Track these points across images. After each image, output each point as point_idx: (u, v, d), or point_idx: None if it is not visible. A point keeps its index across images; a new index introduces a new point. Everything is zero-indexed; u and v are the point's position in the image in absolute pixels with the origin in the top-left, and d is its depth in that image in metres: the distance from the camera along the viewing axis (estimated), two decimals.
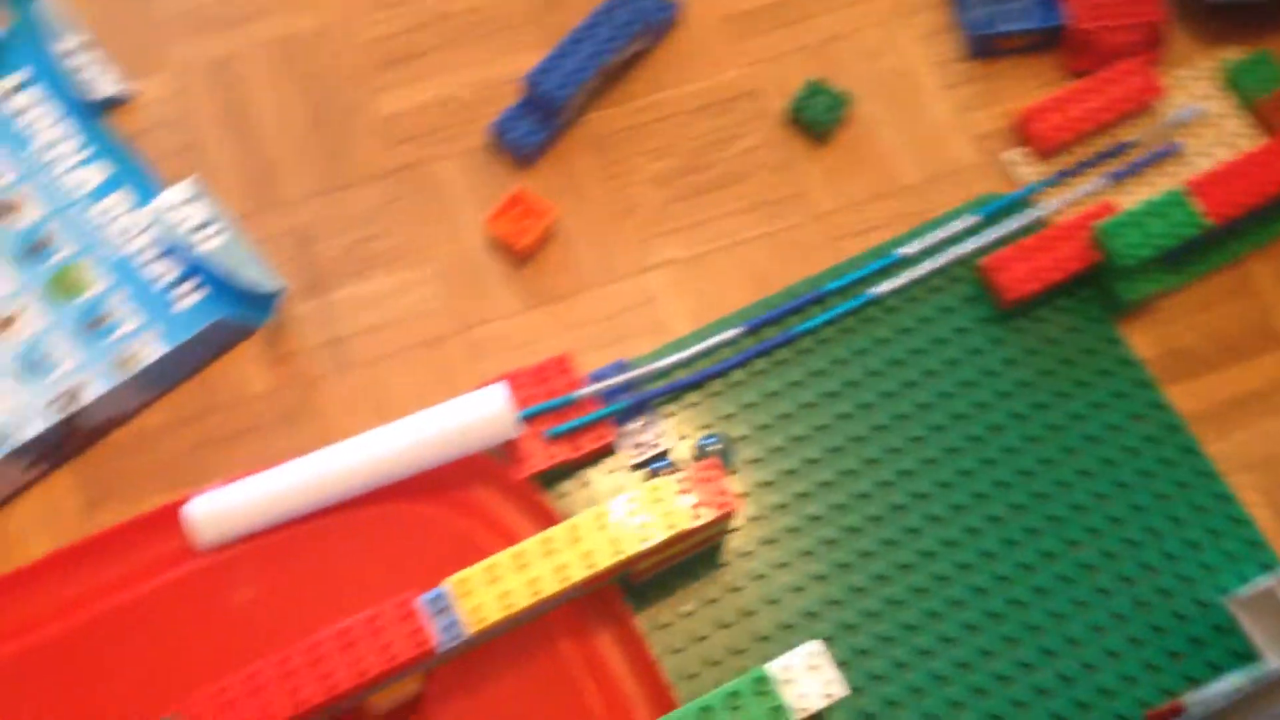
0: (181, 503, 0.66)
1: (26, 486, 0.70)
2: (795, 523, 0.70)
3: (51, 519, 0.69)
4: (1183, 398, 0.72)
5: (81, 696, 0.63)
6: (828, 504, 0.70)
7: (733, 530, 0.70)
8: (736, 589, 0.69)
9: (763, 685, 0.59)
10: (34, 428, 0.69)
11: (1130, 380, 0.73)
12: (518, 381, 0.70)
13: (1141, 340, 0.74)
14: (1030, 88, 0.79)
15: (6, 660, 0.64)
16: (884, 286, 0.74)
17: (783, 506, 0.70)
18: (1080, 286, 0.74)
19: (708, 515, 0.63)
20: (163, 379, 0.72)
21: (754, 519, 0.70)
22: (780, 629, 0.68)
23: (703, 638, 0.68)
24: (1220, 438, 0.71)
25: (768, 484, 0.71)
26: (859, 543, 0.70)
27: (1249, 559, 0.69)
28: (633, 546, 0.61)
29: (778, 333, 0.74)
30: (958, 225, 0.76)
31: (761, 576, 0.69)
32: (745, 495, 0.70)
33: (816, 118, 0.78)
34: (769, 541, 0.70)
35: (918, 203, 0.77)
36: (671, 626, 0.68)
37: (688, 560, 0.68)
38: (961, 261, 0.75)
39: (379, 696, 0.62)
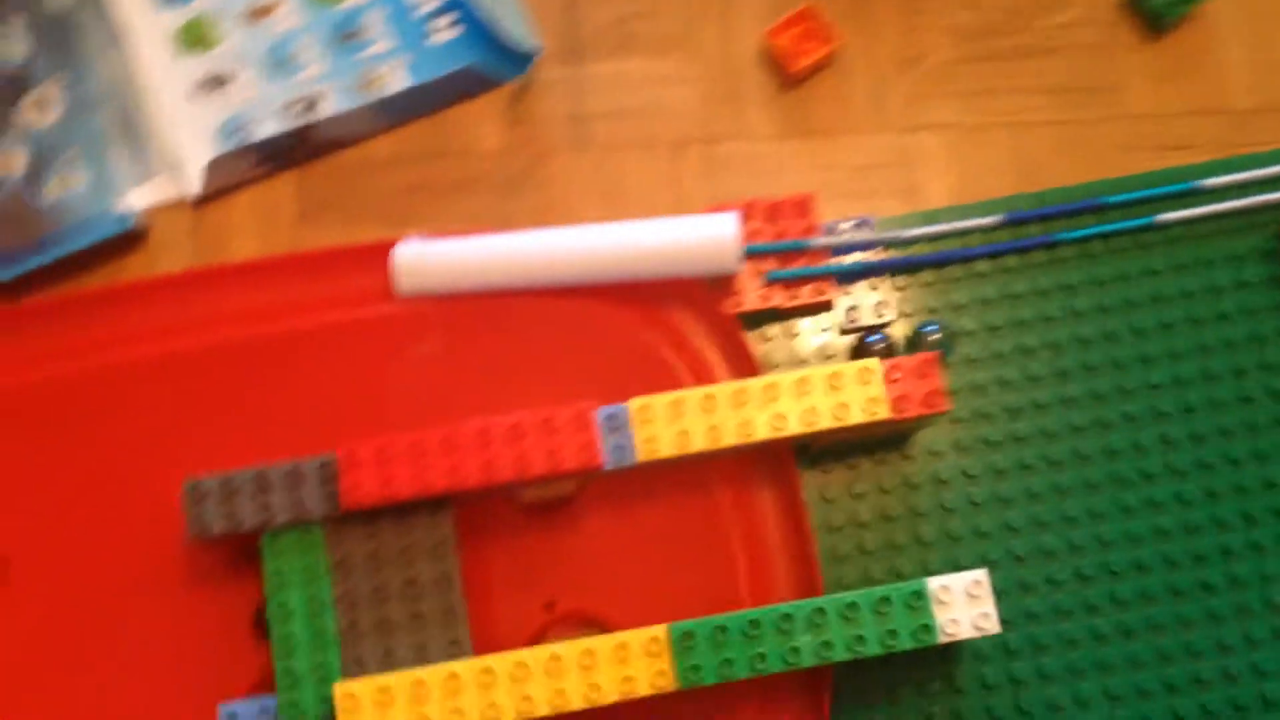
0: (391, 242, 0.65)
1: (251, 182, 0.70)
2: (996, 436, 0.66)
3: (266, 221, 0.69)
4: None
5: (243, 405, 0.64)
6: (1037, 427, 0.65)
7: (929, 425, 0.65)
8: (914, 485, 0.65)
9: (917, 599, 0.56)
10: (269, 127, 0.68)
11: None
12: (751, 212, 0.65)
13: None
14: None
15: (188, 353, 0.65)
16: (1172, 215, 0.67)
17: (987, 416, 0.66)
18: None
19: (912, 410, 0.59)
20: (400, 111, 0.70)
21: (954, 420, 0.66)
22: (945, 538, 0.65)
23: (864, 524, 0.65)
24: None
25: (979, 388, 0.66)
26: (1057, 476, 0.65)
27: None
28: (826, 421, 0.58)
29: (1040, 233, 0.67)
30: (1278, 169, 0.67)
31: (943, 481, 0.65)
32: (953, 393, 0.66)
33: (1160, 5, 0.69)
34: (963, 448, 0.65)
35: (1240, 132, 0.68)
36: (836, 504, 0.65)
37: (872, 441, 0.65)
38: (1269, 209, 0.67)
39: (530, 491, 0.61)
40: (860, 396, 0.58)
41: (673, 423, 0.58)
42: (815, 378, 0.58)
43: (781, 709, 0.61)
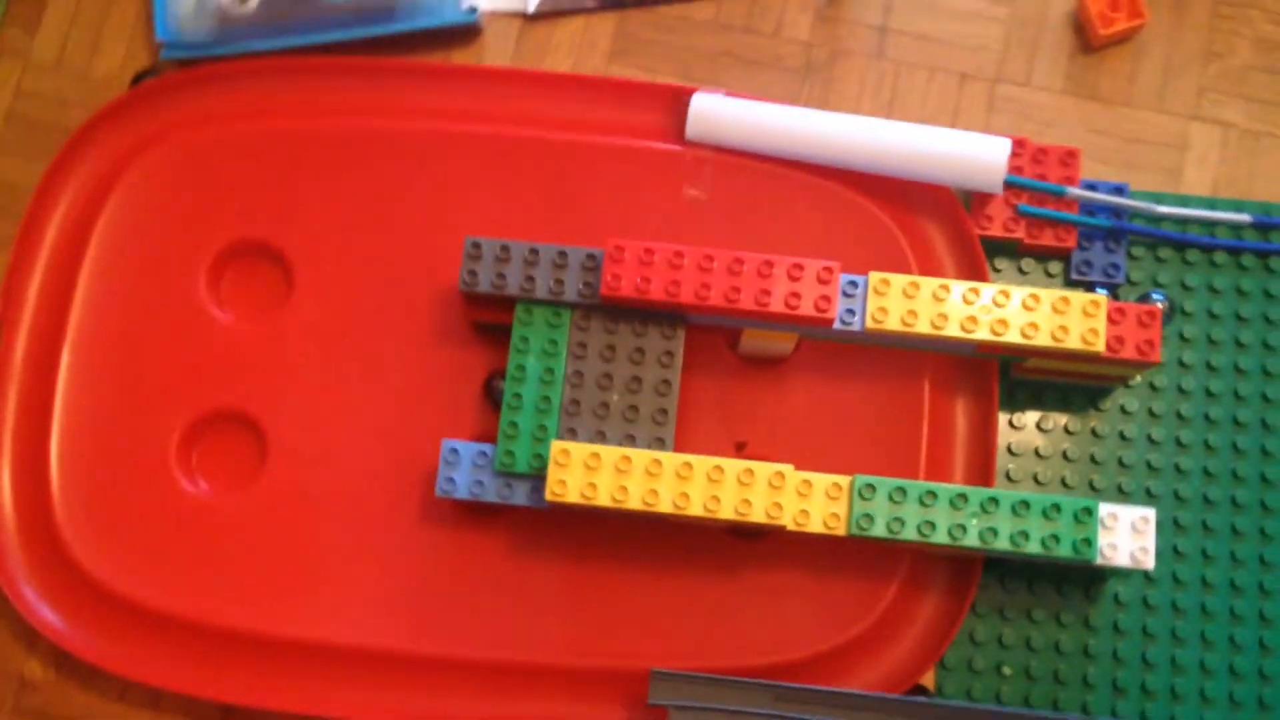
0: (691, 90, 0.72)
1: (580, 12, 0.77)
2: (1189, 412, 0.69)
3: (582, 48, 0.77)
4: None
5: (526, 195, 0.71)
6: (1229, 410, 0.69)
7: (1130, 384, 0.70)
8: (1099, 436, 0.69)
9: (1085, 515, 0.61)
10: None
11: None
12: (1019, 149, 0.70)
13: None
14: None
15: (492, 137, 0.72)
16: None
17: (1185, 392, 0.69)
18: None
19: (1125, 352, 0.63)
20: None
21: (1152, 388, 0.70)
22: (1120, 469, 0.69)
23: (1044, 456, 0.69)
24: None
25: (1186, 366, 0.70)
26: (1240, 437, 0.69)
27: None
28: (1043, 339, 0.63)
29: None
30: None
31: (1130, 414, 0.69)
32: (1160, 365, 0.70)
33: None
34: (1152, 412, 0.69)
35: None
36: (1024, 430, 0.70)
37: (1070, 385, 0.69)
38: None
39: (753, 336, 0.67)
40: (1081, 326, 0.63)
41: (905, 300, 0.63)
42: (1044, 296, 0.63)
43: (925, 592, 0.66)
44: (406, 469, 0.69)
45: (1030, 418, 0.70)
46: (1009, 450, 0.69)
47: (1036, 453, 0.69)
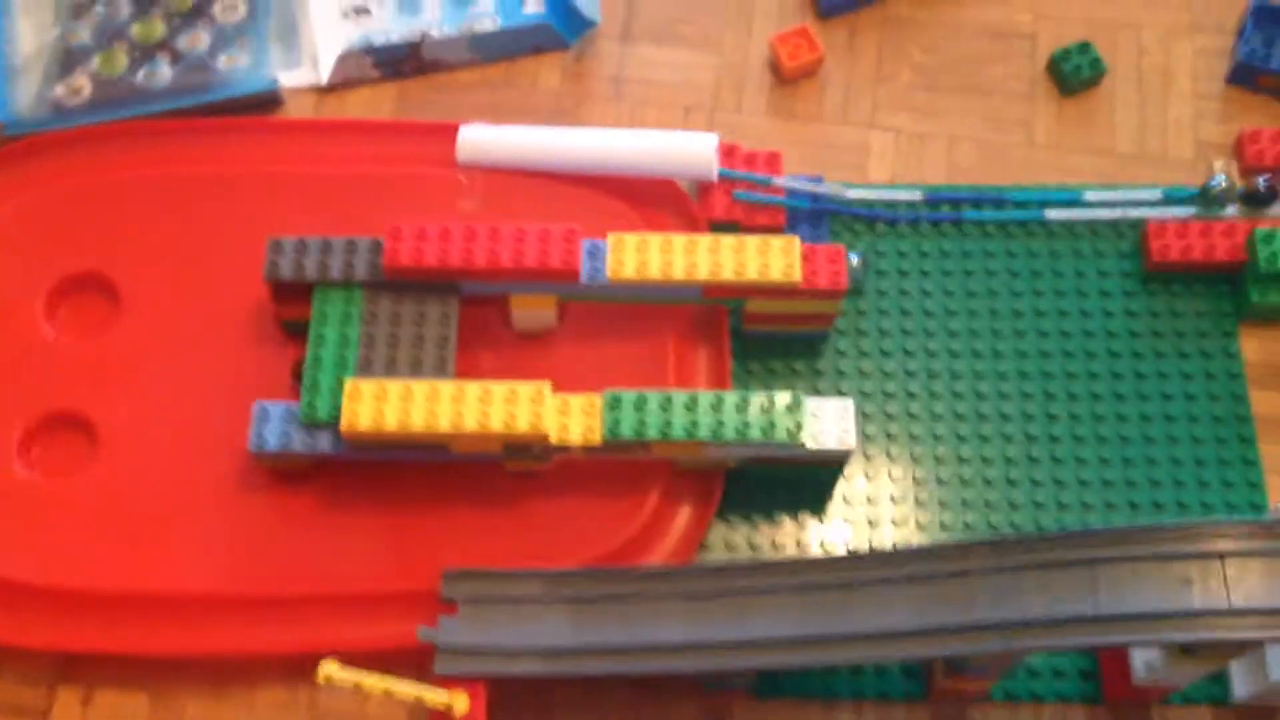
0: (457, 125, 0.87)
1: (367, 82, 0.92)
2: (889, 347, 0.83)
3: (369, 111, 0.91)
4: (1261, 401, 0.80)
5: (325, 220, 0.83)
6: (920, 340, 0.83)
7: (838, 330, 0.83)
8: (819, 373, 0.83)
9: (794, 403, 0.73)
10: (389, 38, 0.91)
11: (1226, 372, 0.82)
12: (732, 153, 0.86)
13: (1250, 344, 0.82)
14: (1262, 123, 0.89)
15: (298, 175, 0.85)
16: (1057, 214, 0.86)
17: (885, 332, 0.84)
18: (1220, 282, 0.84)
19: (820, 282, 0.77)
20: (487, 49, 0.92)
21: (859, 331, 0.84)
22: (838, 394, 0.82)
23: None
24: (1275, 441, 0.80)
25: (883, 313, 0.84)
26: (931, 360, 0.83)
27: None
28: (751, 274, 0.76)
29: (950, 211, 0.87)
30: (1143, 194, 0.86)
31: (842, 353, 0.83)
32: (863, 312, 0.84)
33: (1072, 73, 0.90)
34: (861, 350, 0.83)
35: (1120, 170, 0.88)
36: (755, 375, 0.83)
37: (791, 336, 0.83)
38: (1131, 224, 0.86)
39: (520, 305, 0.80)
40: (781, 262, 0.77)
41: (637, 253, 0.77)
42: (749, 242, 0.77)
43: (679, 497, 0.77)
44: (225, 444, 0.78)
45: (760, 365, 0.83)
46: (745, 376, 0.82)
47: (768, 376, 0.83)
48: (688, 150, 0.84)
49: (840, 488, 0.80)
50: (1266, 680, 0.69)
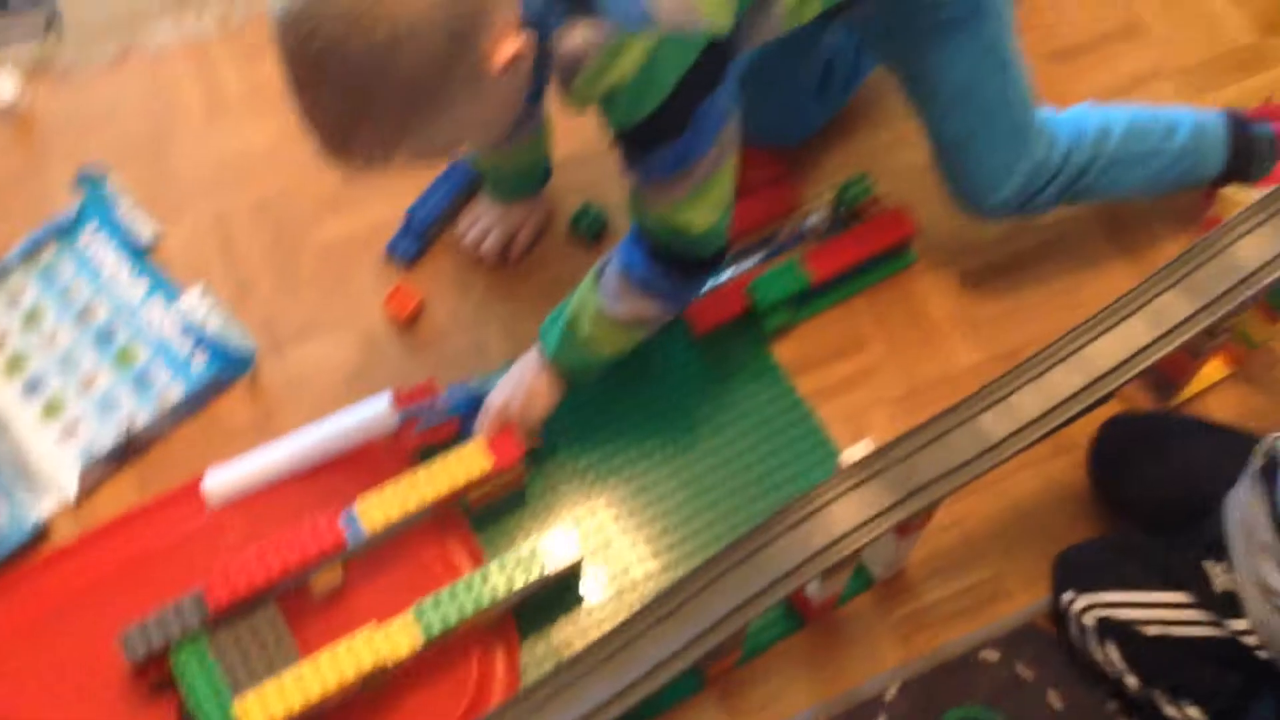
0: (197, 480, 1.12)
1: (109, 478, 1.15)
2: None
3: (120, 503, 1.14)
4: (804, 382, 1.19)
5: (122, 599, 1.07)
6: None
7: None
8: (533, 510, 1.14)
9: (533, 549, 1.04)
10: (108, 444, 1.15)
11: (771, 377, 1.19)
12: (402, 394, 1.15)
13: (783, 350, 1.20)
14: None
15: (99, 578, 1.09)
16: None
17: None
18: (750, 321, 1.21)
19: (506, 460, 1.08)
20: (184, 412, 1.18)
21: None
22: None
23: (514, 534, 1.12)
24: (825, 404, 1.18)
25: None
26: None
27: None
28: (462, 480, 1.07)
29: None
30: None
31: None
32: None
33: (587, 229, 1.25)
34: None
35: None
36: (496, 543, 1.13)
37: (508, 500, 1.14)
38: None
39: (317, 581, 1.06)
40: (478, 460, 1.08)
41: (381, 508, 1.05)
42: (450, 457, 1.08)
43: (491, 649, 1.07)
44: None
45: (496, 530, 1.13)
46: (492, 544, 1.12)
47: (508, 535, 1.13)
48: (370, 416, 1.13)
49: (586, 580, 1.11)
50: (880, 564, 1.06)
